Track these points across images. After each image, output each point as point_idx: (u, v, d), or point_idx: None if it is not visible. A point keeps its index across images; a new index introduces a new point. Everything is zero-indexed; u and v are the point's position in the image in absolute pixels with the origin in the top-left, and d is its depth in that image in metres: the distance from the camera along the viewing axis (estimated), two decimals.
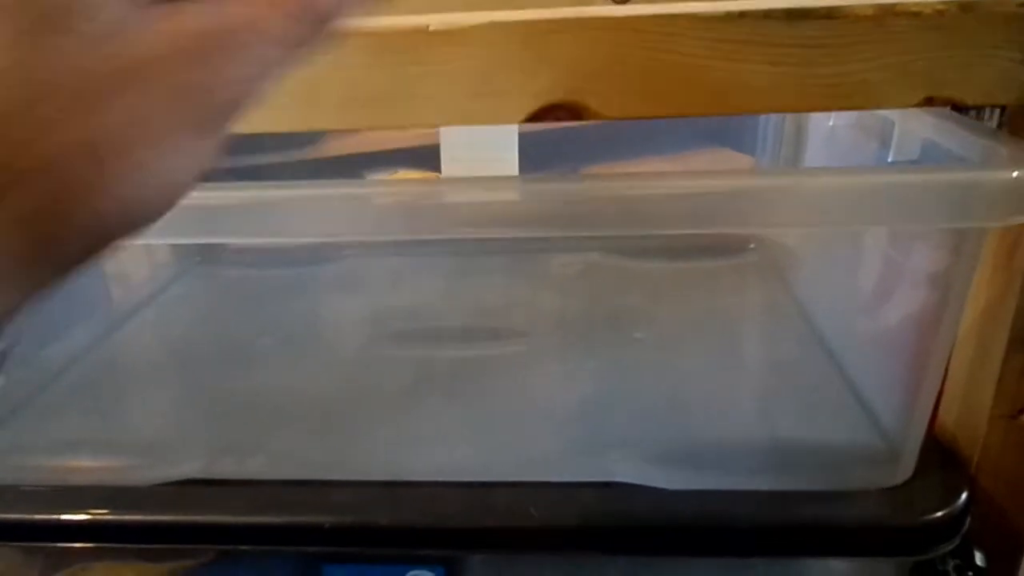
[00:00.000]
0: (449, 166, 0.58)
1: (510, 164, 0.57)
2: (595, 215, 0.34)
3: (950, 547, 0.39)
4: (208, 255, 0.76)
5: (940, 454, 0.42)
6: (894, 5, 0.32)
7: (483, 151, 0.52)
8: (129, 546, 0.41)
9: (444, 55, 0.33)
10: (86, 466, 0.45)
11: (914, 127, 0.42)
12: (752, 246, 0.71)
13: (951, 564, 0.43)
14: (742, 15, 0.32)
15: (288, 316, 0.62)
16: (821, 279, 0.59)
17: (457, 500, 0.40)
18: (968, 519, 0.40)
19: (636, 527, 0.39)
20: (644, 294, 0.64)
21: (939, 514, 0.38)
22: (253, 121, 0.18)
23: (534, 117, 0.35)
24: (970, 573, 0.43)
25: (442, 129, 0.54)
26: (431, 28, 0.33)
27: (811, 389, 0.48)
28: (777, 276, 0.65)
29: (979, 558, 0.43)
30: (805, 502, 0.39)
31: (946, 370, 0.42)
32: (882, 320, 0.49)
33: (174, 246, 0.75)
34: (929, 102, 0.33)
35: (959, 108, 0.35)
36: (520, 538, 0.39)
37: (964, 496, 0.39)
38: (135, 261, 0.72)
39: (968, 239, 0.35)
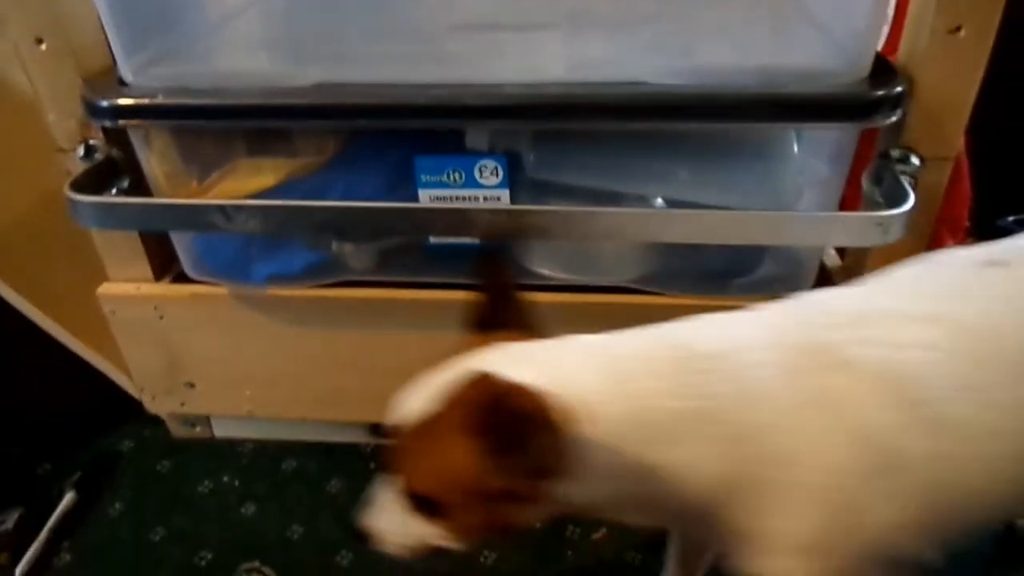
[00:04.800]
0: None
1: None
2: None
3: (886, 121, 0.52)
4: None
5: (891, 72, 0.55)
6: None
7: None
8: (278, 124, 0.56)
9: None
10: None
11: None
12: None
13: (896, 166, 0.57)
14: None
15: (374, 9, 0.74)
16: None
17: (521, 91, 0.54)
18: (902, 109, 0.53)
19: (654, 103, 0.52)
20: None
21: (879, 93, 0.51)
22: None
23: None
24: (907, 172, 0.57)
25: None
26: None
27: (797, 36, 0.60)
28: None
29: (915, 159, 0.57)
30: (783, 91, 0.52)
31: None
32: None
33: None
34: None
35: None
36: (569, 113, 0.53)
37: (900, 88, 0.52)
38: None
39: None
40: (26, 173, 0.87)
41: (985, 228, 1.10)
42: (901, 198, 0.53)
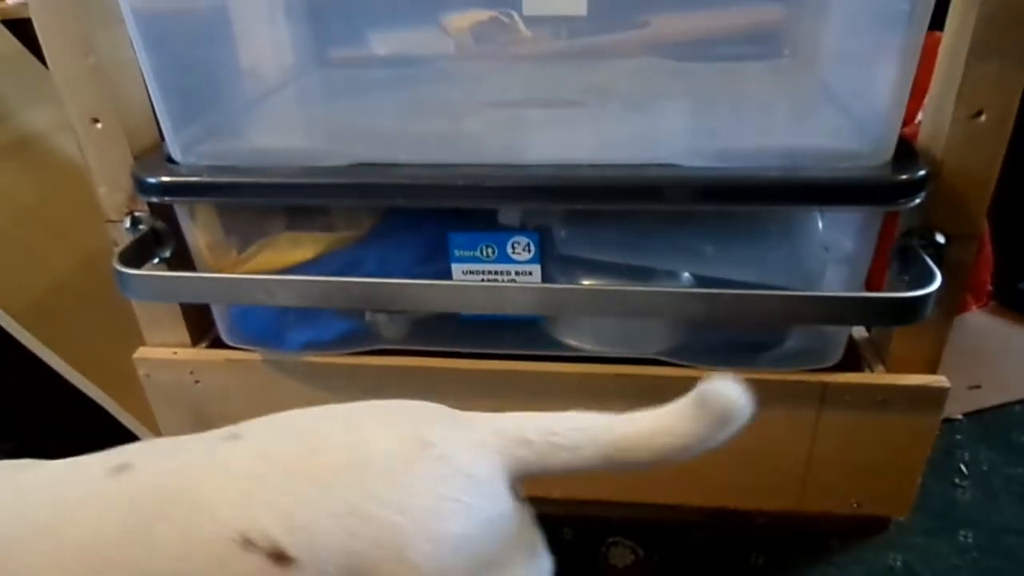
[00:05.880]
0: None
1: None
2: None
3: (909, 204, 0.53)
4: (321, 61, 0.91)
5: (913, 154, 0.56)
6: None
7: None
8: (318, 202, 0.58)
9: None
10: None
11: None
12: (786, 52, 0.83)
13: (921, 245, 0.58)
14: None
15: (405, 89, 0.77)
16: (836, 60, 0.72)
17: (547, 174, 0.56)
18: (925, 191, 0.54)
19: (682, 186, 0.54)
20: (690, 79, 0.77)
21: (903, 177, 0.53)
22: None
23: None
24: (932, 249, 0.58)
25: None
26: None
27: (824, 121, 0.62)
28: (802, 69, 0.78)
29: (940, 238, 0.58)
30: (807, 174, 0.54)
31: (922, 88, 0.56)
32: (869, 57, 0.62)
33: (295, 51, 0.90)
34: None
35: None
36: (600, 194, 0.55)
37: (923, 172, 0.53)
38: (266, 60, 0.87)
39: None
40: (66, 234, 0.90)
41: (1006, 291, 1.11)
42: (927, 278, 0.54)
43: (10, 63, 0.93)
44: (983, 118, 0.54)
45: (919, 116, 0.62)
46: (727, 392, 0.38)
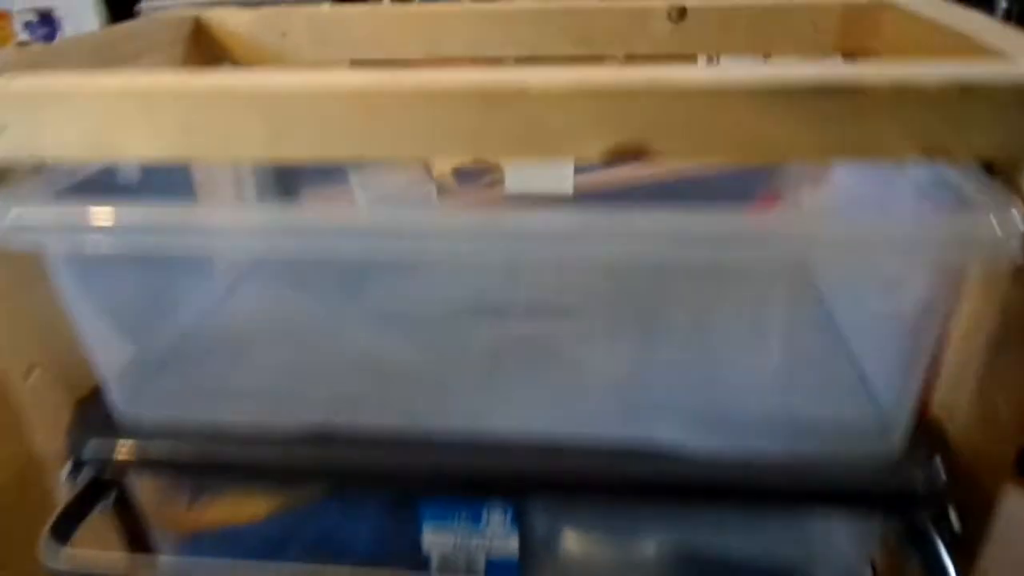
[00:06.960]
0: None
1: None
2: None
3: (929, 513, 0.49)
4: None
5: (928, 435, 0.51)
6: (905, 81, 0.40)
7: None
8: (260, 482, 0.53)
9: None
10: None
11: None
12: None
13: (931, 526, 0.53)
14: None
15: (368, 294, 0.72)
16: (848, 299, 0.66)
17: (526, 453, 0.51)
18: (946, 490, 0.49)
19: (669, 484, 0.49)
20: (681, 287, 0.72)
21: (922, 485, 0.48)
22: None
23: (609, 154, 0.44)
24: (947, 534, 0.53)
25: None
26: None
27: (829, 381, 0.57)
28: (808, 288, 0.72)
29: (955, 520, 0.53)
30: (811, 469, 0.49)
31: (936, 371, 0.52)
32: (885, 333, 0.57)
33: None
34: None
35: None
36: (577, 487, 0.50)
37: (943, 473, 0.49)
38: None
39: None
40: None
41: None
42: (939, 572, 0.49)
43: None
44: (998, 410, 0.49)
45: None
46: None
